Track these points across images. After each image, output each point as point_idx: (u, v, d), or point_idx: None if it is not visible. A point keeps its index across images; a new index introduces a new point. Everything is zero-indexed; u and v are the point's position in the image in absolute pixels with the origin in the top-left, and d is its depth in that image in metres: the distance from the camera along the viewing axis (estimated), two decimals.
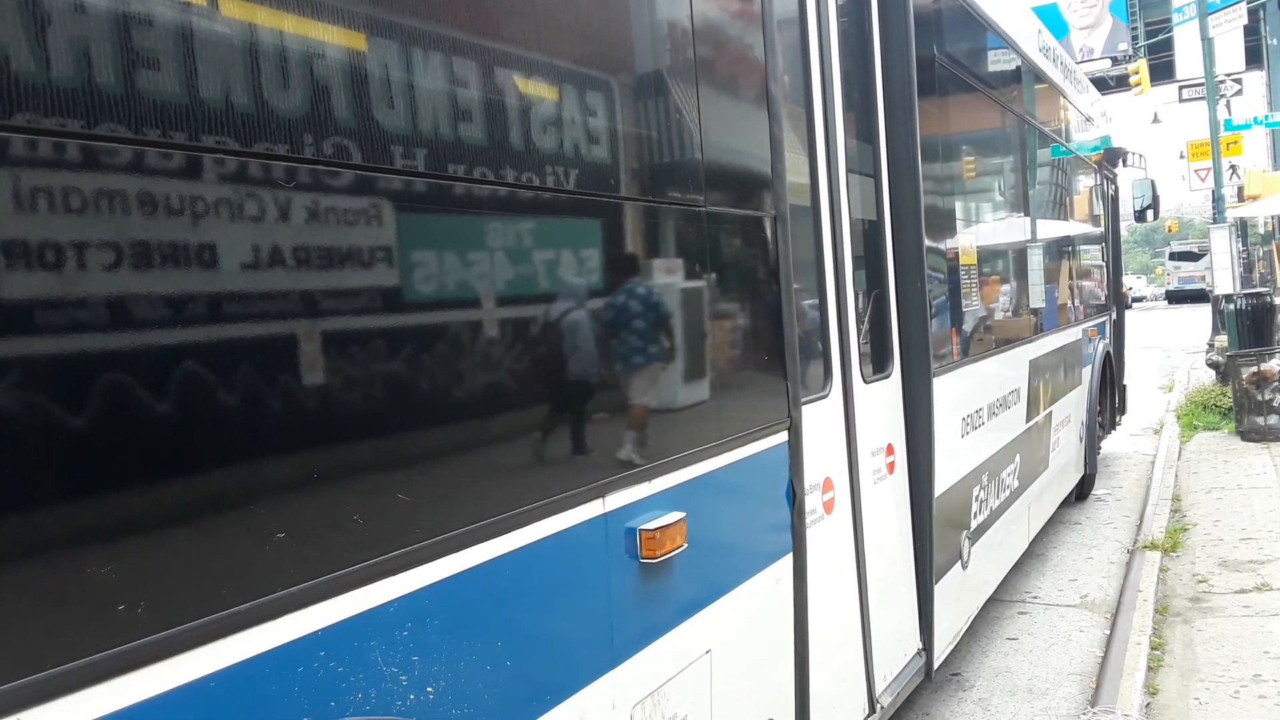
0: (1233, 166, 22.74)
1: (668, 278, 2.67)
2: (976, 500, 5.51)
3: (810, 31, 3.77)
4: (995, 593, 6.52)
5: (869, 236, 4.46)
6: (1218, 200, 14.90)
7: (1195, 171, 23.38)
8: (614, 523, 2.43)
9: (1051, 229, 8.09)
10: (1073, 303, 8.71)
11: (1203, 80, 17.13)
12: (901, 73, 4.48)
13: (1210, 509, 8.85)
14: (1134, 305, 49.16)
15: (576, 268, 2.37)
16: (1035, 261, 7.39)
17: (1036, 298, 7.34)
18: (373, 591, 1.77)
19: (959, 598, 5.18)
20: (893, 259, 4.54)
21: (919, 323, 4.58)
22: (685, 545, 2.58)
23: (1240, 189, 24.33)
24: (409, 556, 1.84)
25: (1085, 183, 9.93)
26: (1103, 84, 31.40)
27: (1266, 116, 22.53)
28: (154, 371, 1.45)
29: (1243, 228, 27.69)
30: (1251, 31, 26.47)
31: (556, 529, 2.24)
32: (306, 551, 1.65)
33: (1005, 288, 6.59)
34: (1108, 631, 6.28)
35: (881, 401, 4.39)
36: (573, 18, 2.40)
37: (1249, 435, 11.83)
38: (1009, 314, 6.64)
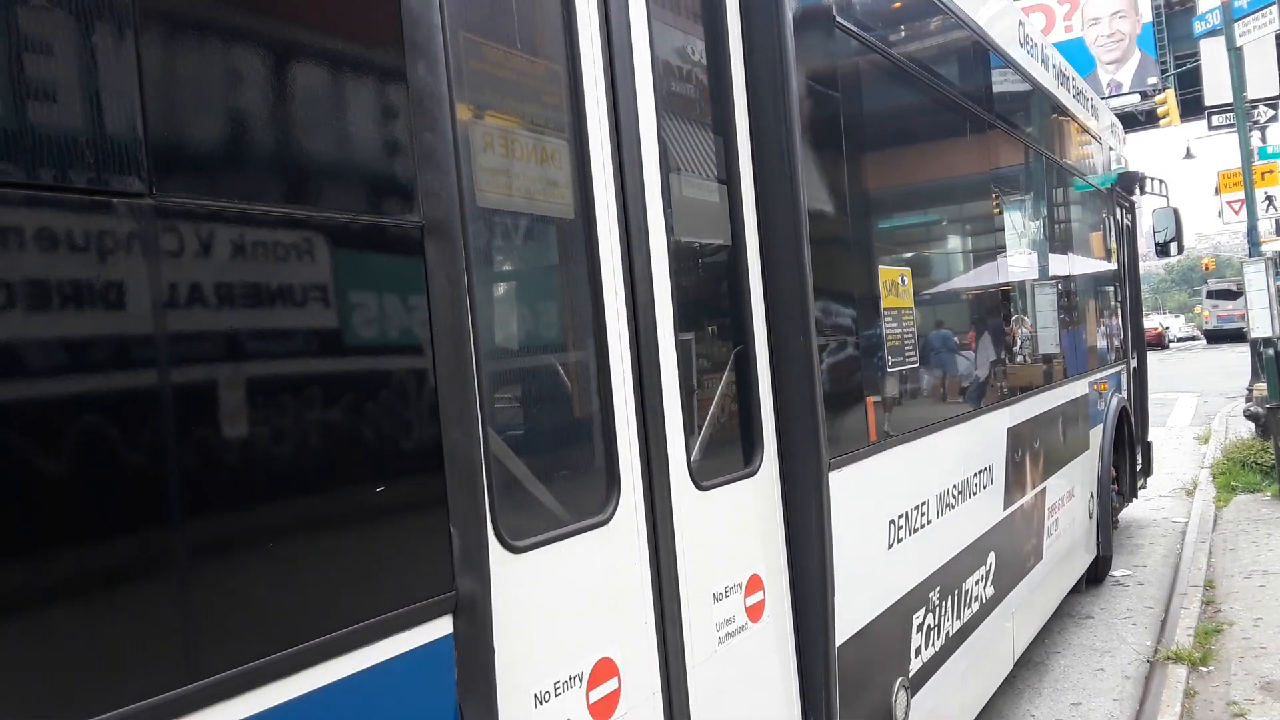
0: (1269, 197, 21.02)
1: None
2: (920, 631, 4.01)
3: None
4: None
5: (715, 268, 3.04)
6: (1251, 232, 13.35)
7: (1228, 204, 21.74)
8: None
9: (1039, 264, 6.61)
10: (1074, 352, 7.19)
11: (1232, 105, 15.61)
12: (772, 33, 3.08)
13: (1250, 601, 7.24)
14: (1171, 345, 47.37)
15: None
16: (1015, 305, 5.91)
17: (1018, 349, 5.85)
18: None
19: None
20: (762, 301, 3.11)
21: (804, 393, 3.13)
22: None
23: (1278, 221, 22.60)
24: None
25: (1090, 210, 8.44)
26: (1132, 120, 30.14)
27: None
28: None
29: None
30: None
31: None
32: None
33: (966, 338, 5.11)
34: None
35: (738, 514, 2.94)
36: None
37: None
38: (974, 371, 5.15)
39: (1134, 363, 9.85)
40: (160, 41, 1.41)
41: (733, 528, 2.91)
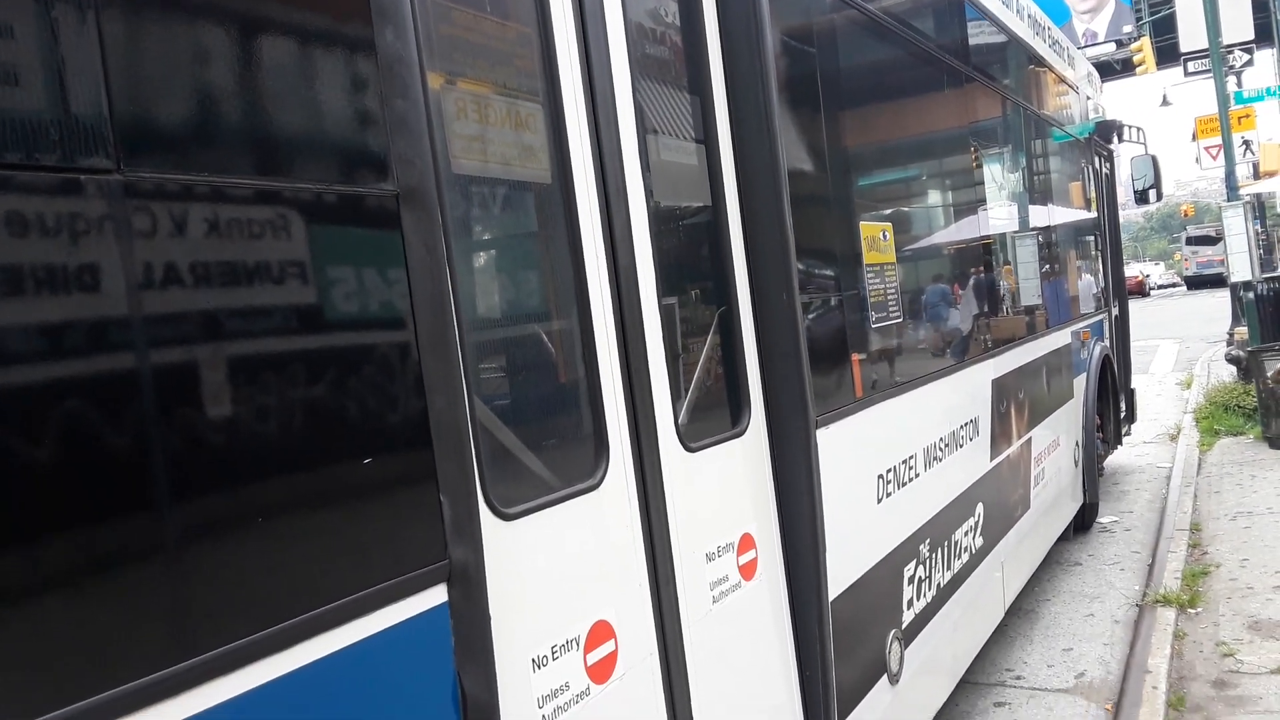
0: (1246, 142, 21.11)
1: None
2: (911, 583, 4.05)
3: None
4: (966, 673, 5.06)
5: (696, 230, 3.03)
6: (1230, 176, 13.39)
7: (1206, 150, 21.83)
8: None
9: (1019, 215, 6.61)
10: (1056, 302, 7.22)
11: (1208, 51, 15.60)
12: None
13: (1236, 542, 7.33)
14: (1152, 293, 47.59)
15: None
16: (997, 257, 5.92)
17: (998, 300, 5.87)
18: None
19: None
20: (744, 261, 3.10)
21: (789, 352, 3.13)
22: None
23: (1255, 165, 22.69)
24: None
25: (1069, 160, 8.44)
26: (1108, 69, 30.18)
27: (1278, 87, 20.95)
28: None
29: (1260, 207, 26.06)
30: (1261, 9, 24.81)
31: None
32: None
33: (949, 291, 5.12)
34: None
35: (726, 474, 2.95)
36: None
37: (1278, 442, 10.28)
38: (957, 324, 5.17)
39: (1116, 311, 9.89)
40: (124, 12, 1.39)
41: (723, 488, 2.92)
